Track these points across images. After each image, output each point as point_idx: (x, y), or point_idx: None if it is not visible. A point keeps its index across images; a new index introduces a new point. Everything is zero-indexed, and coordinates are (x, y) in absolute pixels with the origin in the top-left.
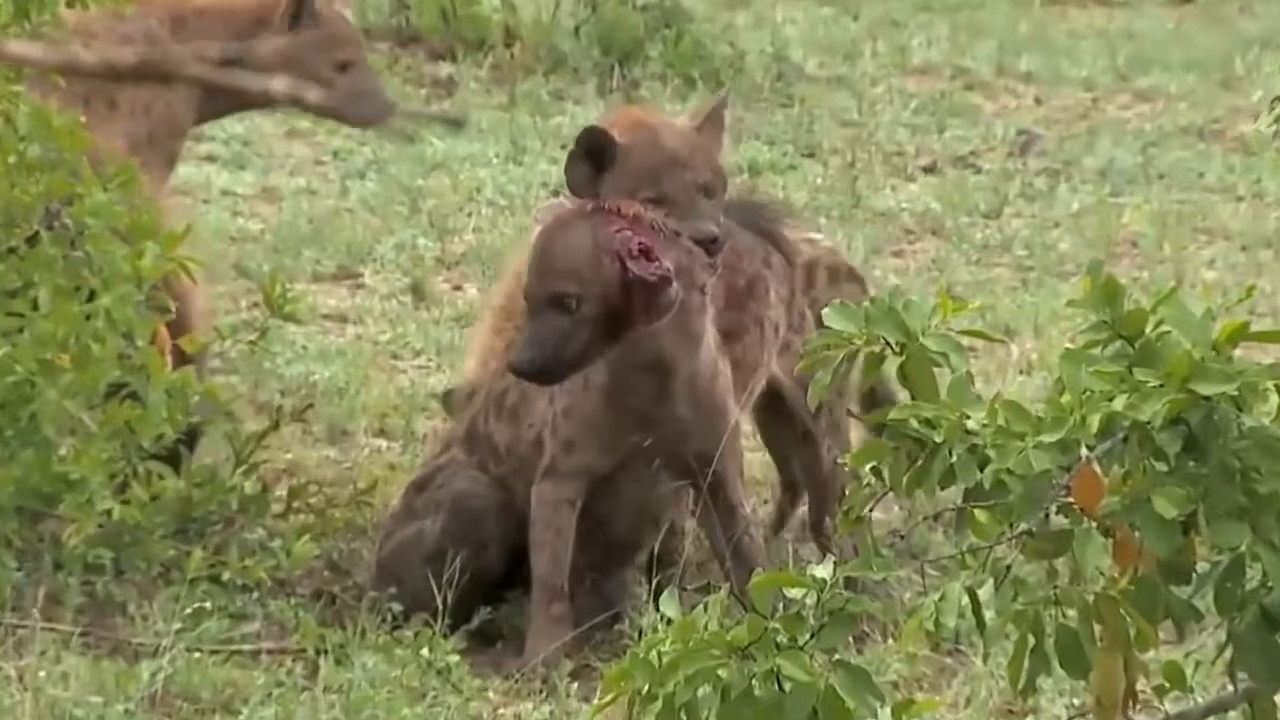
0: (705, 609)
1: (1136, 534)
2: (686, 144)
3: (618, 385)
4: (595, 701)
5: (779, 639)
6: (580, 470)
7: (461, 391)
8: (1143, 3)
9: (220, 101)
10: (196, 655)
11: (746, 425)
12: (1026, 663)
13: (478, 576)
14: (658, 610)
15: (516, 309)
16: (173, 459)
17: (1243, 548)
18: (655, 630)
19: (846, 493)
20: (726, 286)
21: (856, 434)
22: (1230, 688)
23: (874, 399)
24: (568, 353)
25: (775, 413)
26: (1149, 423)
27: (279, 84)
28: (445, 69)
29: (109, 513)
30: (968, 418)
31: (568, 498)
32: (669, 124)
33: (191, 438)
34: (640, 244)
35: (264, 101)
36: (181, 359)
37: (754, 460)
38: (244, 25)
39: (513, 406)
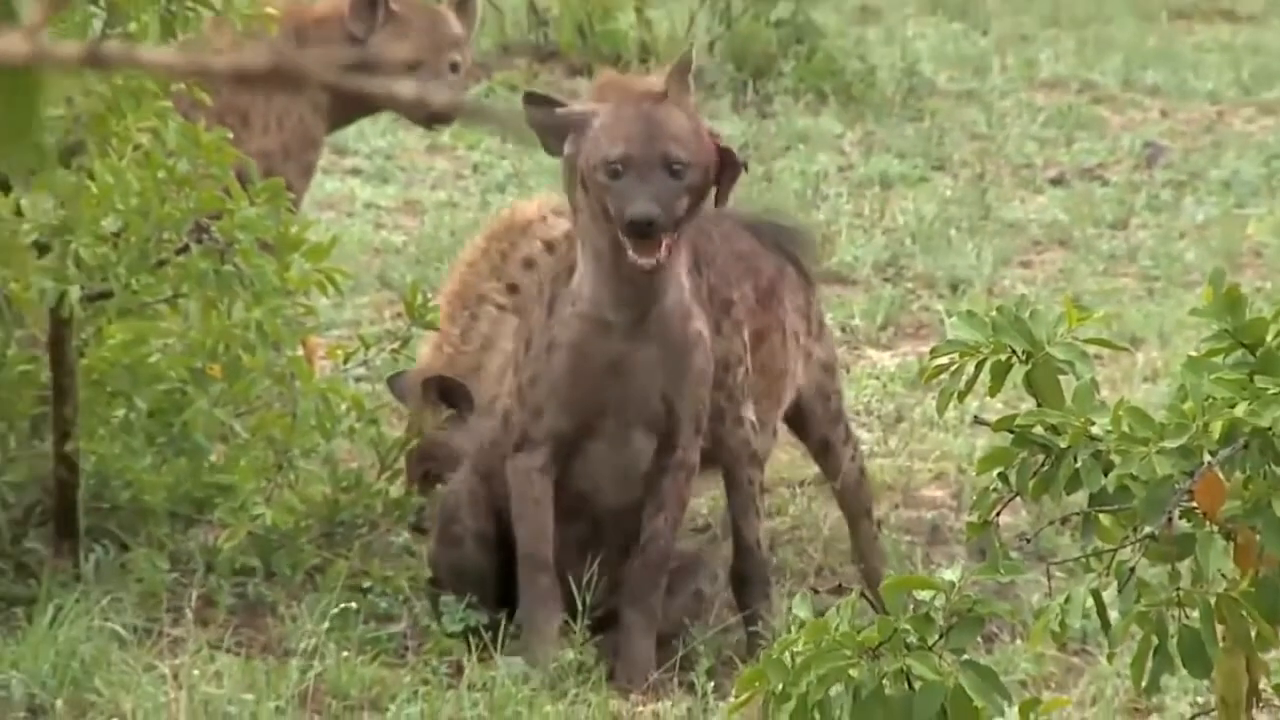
0: (837, 611)
1: (1257, 537)
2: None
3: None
4: (731, 700)
5: (909, 640)
6: (548, 435)
7: (411, 377)
8: (1268, 17)
9: (348, 108)
10: (345, 654)
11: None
12: (1150, 662)
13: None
14: (790, 612)
15: (470, 295)
16: None
17: None
18: (788, 631)
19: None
20: (753, 284)
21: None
22: None
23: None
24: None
25: (794, 424)
26: (1270, 429)
27: (406, 88)
28: (583, 84)
29: (259, 518)
30: (1093, 424)
31: (538, 465)
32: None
33: None
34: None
35: (388, 105)
36: None
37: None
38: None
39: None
